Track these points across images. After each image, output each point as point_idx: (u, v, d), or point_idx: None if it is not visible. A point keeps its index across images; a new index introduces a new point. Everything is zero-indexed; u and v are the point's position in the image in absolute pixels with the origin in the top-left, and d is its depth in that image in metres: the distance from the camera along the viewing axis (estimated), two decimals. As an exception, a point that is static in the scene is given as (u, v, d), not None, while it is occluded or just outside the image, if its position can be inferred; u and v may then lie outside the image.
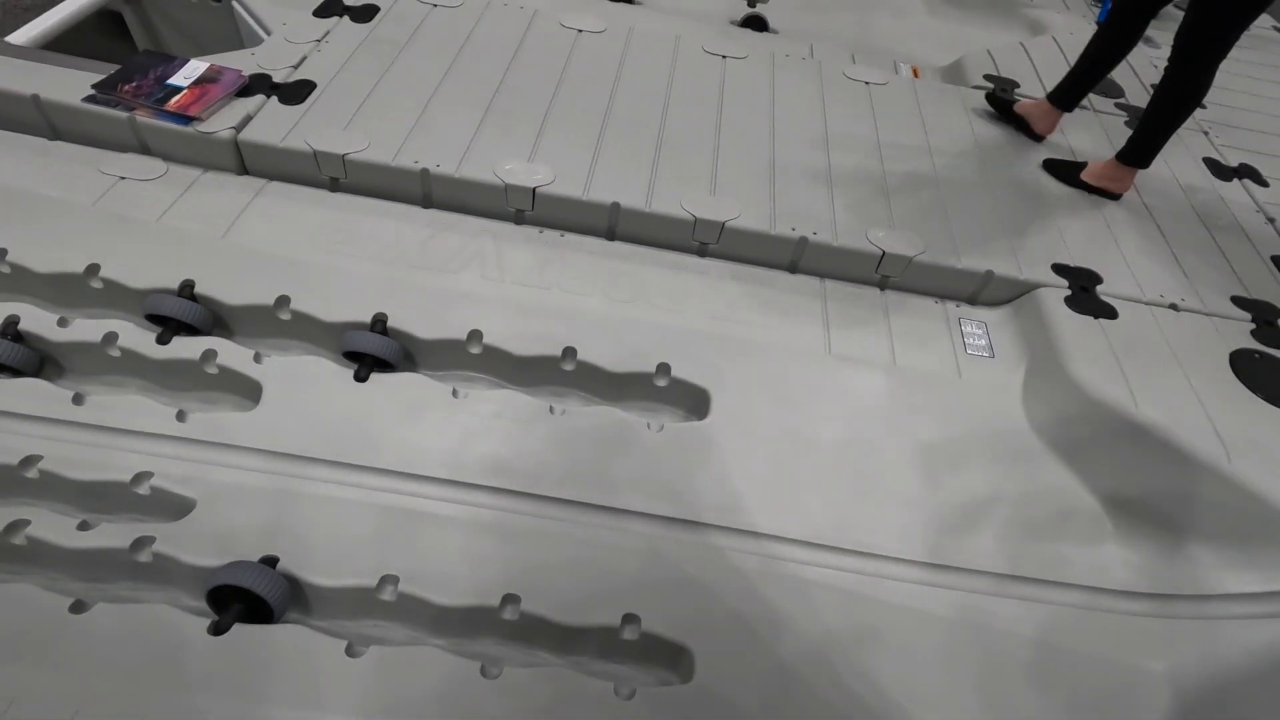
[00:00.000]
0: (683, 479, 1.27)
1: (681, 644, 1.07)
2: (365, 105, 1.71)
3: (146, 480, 1.16)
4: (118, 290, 1.39)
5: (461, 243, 1.56)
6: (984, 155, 1.94)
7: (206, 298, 1.38)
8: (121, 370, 1.36)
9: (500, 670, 1.00)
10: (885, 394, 1.43)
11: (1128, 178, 1.81)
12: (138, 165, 1.57)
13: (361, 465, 1.22)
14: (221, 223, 1.50)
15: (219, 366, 1.32)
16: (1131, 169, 1.79)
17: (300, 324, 1.40)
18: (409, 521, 1.17)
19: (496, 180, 1.57)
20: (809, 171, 1.77)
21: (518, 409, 1.33)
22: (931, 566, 1.22)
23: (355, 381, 1.32)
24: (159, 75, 1.61)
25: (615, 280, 1.54)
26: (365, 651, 1.00)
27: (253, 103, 1.63)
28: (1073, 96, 1.92)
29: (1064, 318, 1.51)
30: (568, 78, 1.91)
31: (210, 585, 1.02)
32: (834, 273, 1.63)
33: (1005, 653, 1.14)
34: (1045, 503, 1.33)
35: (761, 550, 1.21)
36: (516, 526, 1.19)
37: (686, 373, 1.40)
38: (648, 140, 1.76)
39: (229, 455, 1.21)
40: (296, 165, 1.59)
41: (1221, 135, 2.21)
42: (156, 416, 1.25)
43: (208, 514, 1.13)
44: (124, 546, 1.07)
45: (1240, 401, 1.39)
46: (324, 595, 1.08)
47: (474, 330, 1.39)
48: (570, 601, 1.10)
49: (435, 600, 1.07)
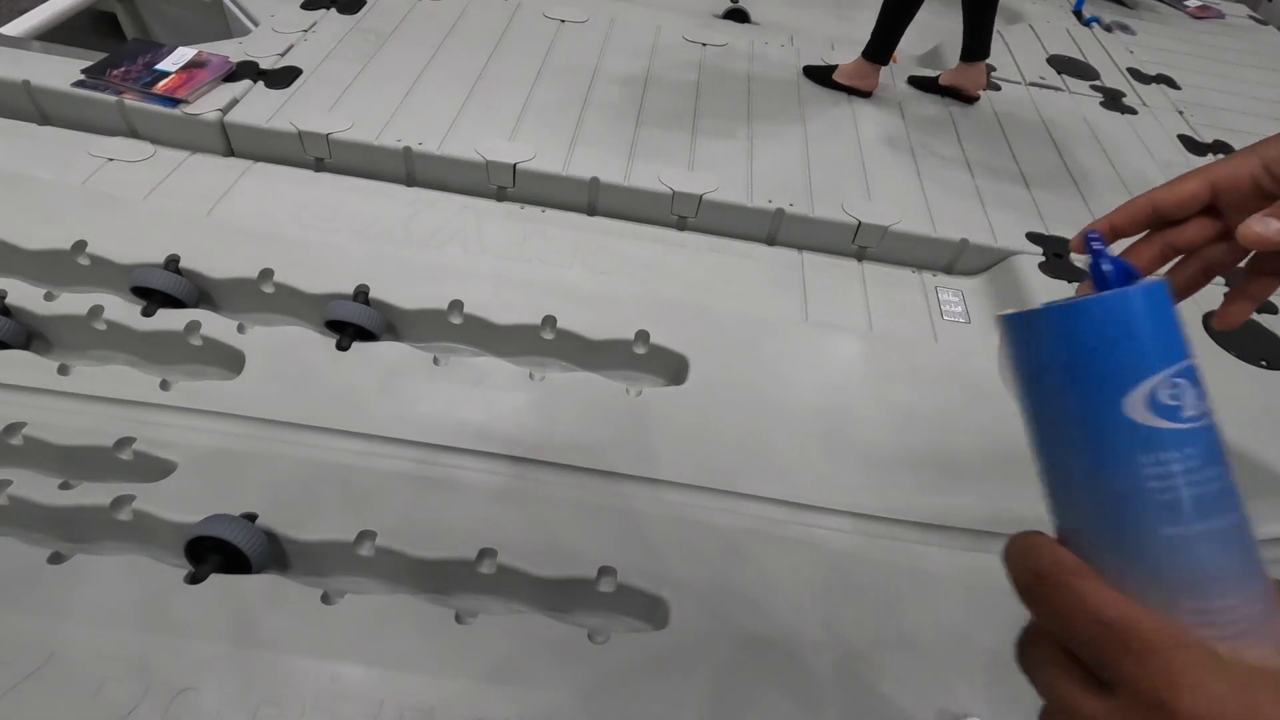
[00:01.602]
0: (661, 442, 1.29)
1: (656, 594, 1.08)
2: (350, 89, 1.74)
3: (129, 445, 1.18)
4: (104, 266, 1.41)
5: (444, 219, 1.59)
6: (960, 130, 1.97)
7: (191, 272, 1.40)
8: (108, 344, 1.38)
9: (475, 617, 1.01)
10: (862, 358, 1.45)
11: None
12: (126, 148, 1.60)
13: (343, 430, 1.24)
14: (207, 201, 1.53)
15: (203, 338, 1.34)
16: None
17: (283, 296, 1.42)
18: (389, 483, 1.18)
19: (478, 157, 1.60)
20: (786, 148, 1.80)
21: (498, 376, 1.35)
22: (909, 524, 1.23)
23: (337, 350, 1.34)
24: (147, 61, 1.65)
25: (595, 253, 1.57)
26: (341, 599, 1.00)
27: (239, 87, 1.67)
28: (885, 50, 1.98)
29: (1038, 283, 1.53)
30: (550, 63, 1.95)
31: (188, 538, 1.03)
32: (811, 244, 1.65)
33: (984, 607, 1.14)
34: (1022, 461, 1.33)
35: (738, 509, 1.22)
36: (496, 487, 1.20)
37: (665, 340, 1.42)
38: (627, 120, 1.80)
39: (211, 421, 1.23)
40: (282, 146, 1.62)
41: (1196, 114, 2.24)
42: (141, 385, 1.26)
43: (189, 475, 1.15)
44: (104, 504, 1.08)
45: (1214, 360, 1.41)
46: (302, 550, 1.09)
47: (455, 300, 1.41)
48: (548, 556, 1.11)
49: (412, 553, 1.08)
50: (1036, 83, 2.25)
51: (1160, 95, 2.31)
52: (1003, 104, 2.11)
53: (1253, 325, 1.49)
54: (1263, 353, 1.43)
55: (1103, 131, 2.07)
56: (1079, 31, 2.62)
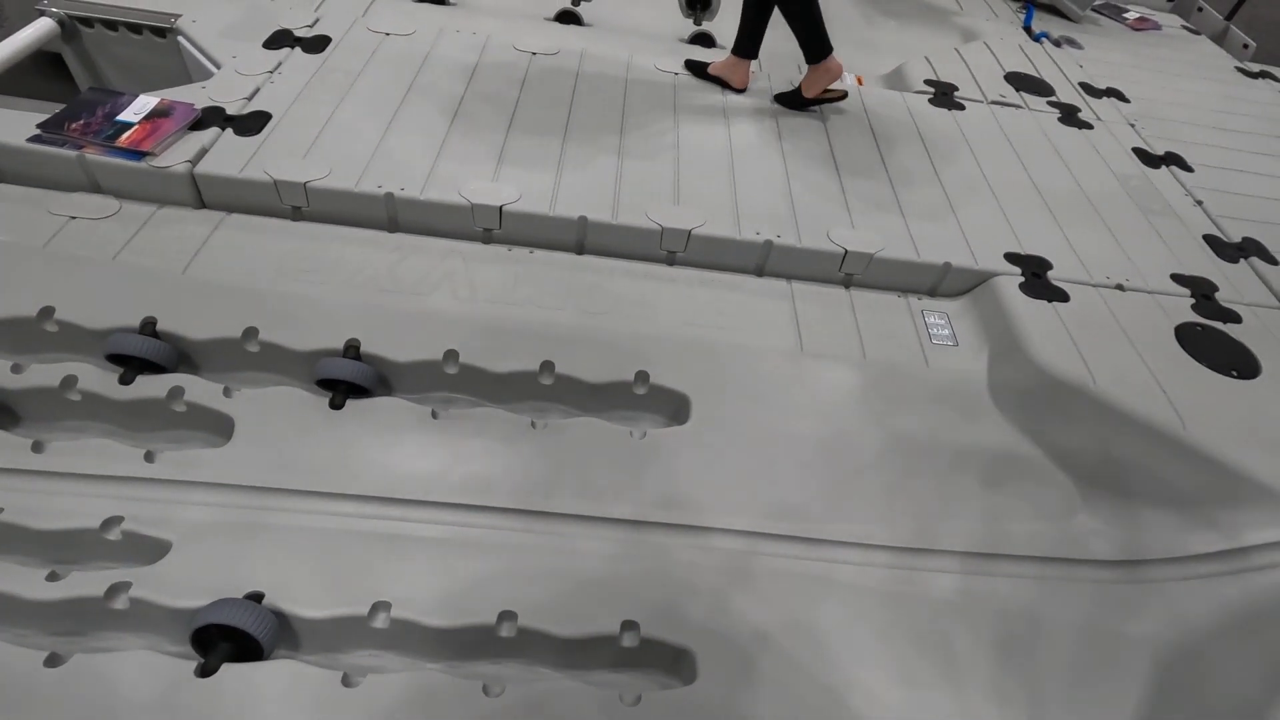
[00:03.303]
0: (669, 484, 1.28)
1: (682, 646, 1.07)
2: (324, 133, 1.69)
3: (117, 525, 1.12)
4: (75, 332, 1.34)
5: (430, 264, 1.55)
6: (933, 151, 2.02)
7: (170, 334, 1.34)
8: (83, 415, 1.31)
9: (503, 688, 0.99)
10: (859, 387, 1.47)
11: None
12: (89, 204, 1.53)
13: (343, 494, 1.20)
14: (181, 258, 1.47)
15: (187, 404, 1.29)
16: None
17: (270, 355, 1.37)
18: (397, 547, 1.15)
19: (462, 200, 1.57)
20: (768, 178, 1.81)
21: (499, 426, 1.33)
22: (915, 551, 1.25)
23: (331, 409, 1.30)
24: (107, 112, 1.58)
25: (588, 293, 1.56)
26: (362, 681, 0.97)
27: (207, 135, 1.61)
28: (752, 45, 2.06)
29: (1020, 303, 1.57)
30: (525, 99, 1.93)
31: (194, 627, 0.99)
32: (800, 274, 1.67)
33: (989, 629, 1.17)
34: (1017, 481, 1.38)
35: (752, 549, 1.23)
36: (507, 543, 1.18)
37: (665, 379, 1.41)
38: (609, 155, 1.79)
39: (203, 493, 1.18)
40: (256, 196, 1.57)
41: (1148, 127, 2.34)
42: (123, 459, 1.21)
43: (185, 554, 1.09)
44: (98, 595, 1.03)
45: (1188, 372, 1.47)
46: (314, 628, 1.05)
47: (449, 350, 1.39)
48: (567, 613, 1.09)
49: (430, 623, 1.05)
50: (998, 100, 2.32)
51: (1112, 109, 2.41)
52: (968, 123, 2.17)
53: (1222, 337, 1.56)
54: (1233, 364, 1.49)
55: (1063, 147, 2.15)
56: (1031, 48, 2.72)
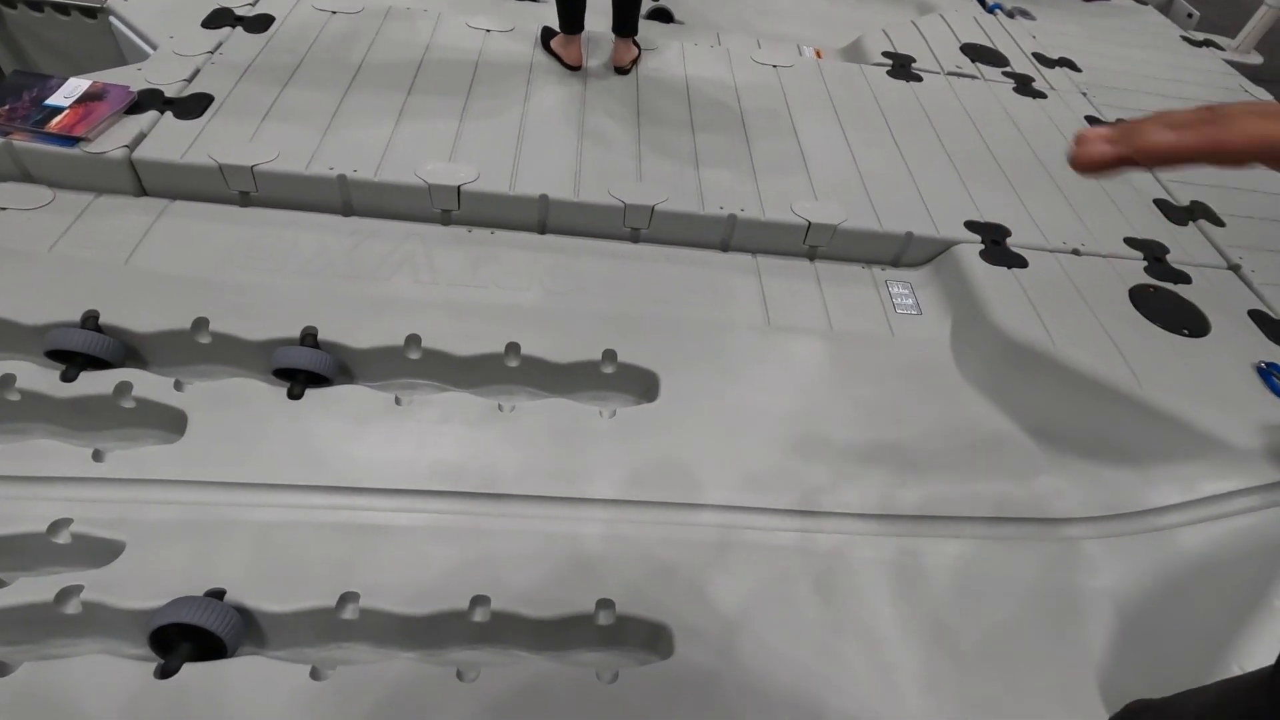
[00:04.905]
0: (639, 462, 1.27)
1: (658, 622, 1.07)
2: (270, 115, 1.63)
3: (65, 528, 1.07)
4: (11, 329, 1.27)
5: (389, 248, 1.51)
6: (892, 122, 2.02)
7: (114, 328, 1.28)
8: (24, 416, 1.25)
9: (478, 673, 0.97)
10: (826, 359, 1.47)
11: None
12: (19, 194, 1.45)
13: (305, 485, 1.17)
14: (123, 249, 1.40)
15: (135, 399, 1.23)
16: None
17: (223, 346, 1.32)
18: (364, 537, 1.12)
19: (419, 181, 1.53)
20: (730, 153, 1.80)
21: (465, 410, 1.30)
22: (885, 518, 1.27)
23: (289, 400, 1.26)
24: (35, 96, 1.49)
25: (552, 273, 1.53)
26: (332, 673, 0.95)
27: (145, 119, 1.53)
28: (576, 21, 1.97)
29: (981, 271, 1.59)
30: (481, 76, 1.88)
31: (152, 628, 0.95)
32: (765, 247, 1.66)
33: (958, 590, 1.19)
34: (982, 445, 1.40)
35: (724, 521, 1.23)
36: (477, 528, 1.16)
37: (633, 357, 1.40)
38: (570, 133, 1.76)
39: (157, 491, 1.13)
40: (201, 181, 1.50)
41: (1099, 95, 2.39)
42: (69, 459, 1.15)
43: (140, 555, 1.05)
44: (48, 600, 0.98)
45: (1143, 332, 1.50)
46: (280, 623, 1.02)
47: (411, 335, 1.35)
48: (541, 595, 1.08)
49: (400, 611, 1.03)
50: (954, 71, 2.34)
51: (1065, 79, 2.45)
52: (926, 94, 2.19)
53: (1174, 297, 1.60)
54: (1185, 323, 1.54)
55: (1018, 117, 2.17)
56: (986, 19, 2.74)
